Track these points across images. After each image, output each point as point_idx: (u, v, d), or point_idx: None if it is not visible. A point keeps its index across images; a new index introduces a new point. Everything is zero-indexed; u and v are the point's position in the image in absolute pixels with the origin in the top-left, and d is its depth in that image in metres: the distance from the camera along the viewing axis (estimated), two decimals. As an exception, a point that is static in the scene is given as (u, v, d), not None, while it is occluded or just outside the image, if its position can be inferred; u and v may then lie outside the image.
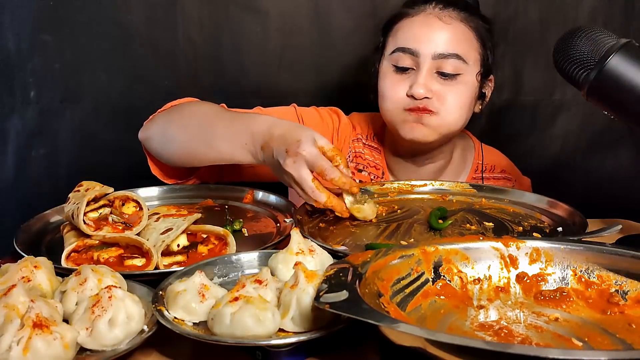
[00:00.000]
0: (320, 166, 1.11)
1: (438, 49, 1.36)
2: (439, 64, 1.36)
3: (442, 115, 1.37)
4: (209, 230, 1.10)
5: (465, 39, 1.39)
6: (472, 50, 1.39)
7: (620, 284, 0.88)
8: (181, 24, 1.82)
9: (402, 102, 1.38)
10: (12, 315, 0.77)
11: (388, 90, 1.41)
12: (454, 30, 1.37)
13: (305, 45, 1.86)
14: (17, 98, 1.84)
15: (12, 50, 1.80)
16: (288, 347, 0.80)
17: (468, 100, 1.40)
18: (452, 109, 1.38)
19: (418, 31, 1.38)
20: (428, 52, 1.36)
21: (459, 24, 1.38)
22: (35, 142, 1.87)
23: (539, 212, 1.27)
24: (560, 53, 1.10)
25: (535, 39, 1.85)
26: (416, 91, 1.34)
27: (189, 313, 0.84)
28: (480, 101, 1.48)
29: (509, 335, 0.79)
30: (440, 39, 1.36)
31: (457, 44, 1.37)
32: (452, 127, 1.41)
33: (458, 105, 1.38)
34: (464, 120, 1.43)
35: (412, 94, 1.35)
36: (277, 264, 0.95)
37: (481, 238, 0.96)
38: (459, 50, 1.36)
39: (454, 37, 1.37)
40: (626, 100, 1.04)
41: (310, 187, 1.11)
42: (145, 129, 1.39)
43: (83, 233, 1.06)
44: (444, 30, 1.37)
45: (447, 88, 1.37)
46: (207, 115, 1.33)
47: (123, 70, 1.85)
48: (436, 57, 1.36)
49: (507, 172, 1.60)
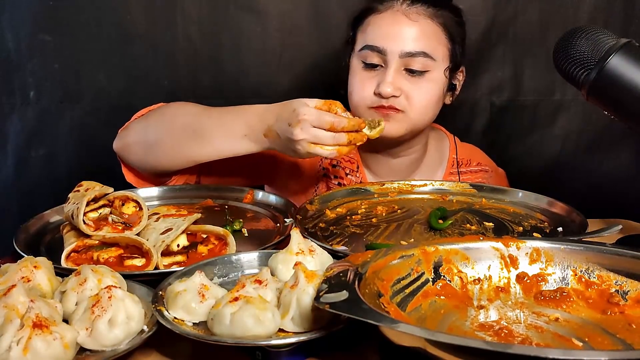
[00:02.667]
0: (326, 121, 1.14)
1: (405, 47, 1.36)
2: (407, 62, 1.37)
3: (408, 114, 1.38)
4: (209, 230, 1.10)
5: (432, 36, 1.39)
6: (440, 46, 1.39)
7: (620, 284, 0.88)
8: (181, 24, 1.82)
9: (369, 99, 1.39)
10: (12, 315, 0.77)
11: (356, 87, 1.42)
12: (421, 27, 1.37)
13: (304, 45, 1.86)
14: (16, 98, 1.84)
15: (12, 50, 1.80)
16: (288, 347, 0.80)
17: (436, 96, 1.41)
18: (419, 107, 1.39)
19: (385, 29, 1.38)
20: (395, 50, 1.36)
21: (426, 21, 1.38)
22: (34, 142, 1.87)
23: (539, 212, 1.27)
24: (560, 53, 1.10)
25: (535, 39, 1.85)
26: (384, 90, 1.35)
27: (188, 313, 0.84)
28: (451, 93, 1.49)
29: (509, 336, 0.79)
30: (407, 37, 1.36)
31: (424, 41, 1.37)
32: (419, 124, 1.42)
33: (425, 102, 1.39)
34: (431, 115, 1.44)
35: (380, 92, 1.36)
36: (277, 264, 0.94)
37: (481, 238, 0.96)
38: (427, 48, 1.37)
39: (422, 35, 1.37)
40: (626, 100, 1.04)
41: (329, 135, 1.14)
42: (122, 138, 1.37)
43: (83, 233, 1.06)
44: (411, 28, 1.37)
45: (414, 86, 1.38)
46: (192, 114, 1.32)
47: (122, 70, 1.85)
48: (404, 55, 1.36)
49: (482, 164, 1.62)
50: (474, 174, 1.58)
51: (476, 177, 1.58)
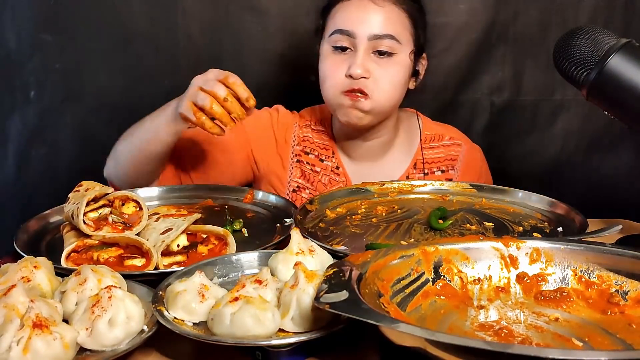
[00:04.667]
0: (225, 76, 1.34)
1: (373, 30, 1.42)
2: (375, 44, 1.42)
3: (374, 98, 1.43)
4: (209, 230, 1.10)
5: (398, 20, 1.45)
6: (404, 30, 1.45)
7: (620, 284, 0.88)
8: (181, 23, 1.82)
9: (341, 84, 1.44)
10: (12, 315, 0.77)
11: (328, 72, 1.47)
12: (387, 12, 1.44)
13: (305, 45, 1.85)
14: (17, 97, 1.84)
15: (13, 49, 1.80)
16: (288, 347, 0.80)
17: (402, 79, 1.47)
18: (385, 90, 1.44)
19: (354, 14, 1.44)
20: (364, 33, 1.42)
21: (392, 6, 1.45)
22: (35, 141, 1.87)
23: (539, 212, 1.27)
24: (560, 53, 1.10)
25: (535, 39, 1.85)
26: (354, 71, 1.40)
27: (189, 313, 0.84)
28: (414, 78, 1.54)
29: (509, 336, 0.79)
30: (374, 20, 1.42)
31: (390, 25, 1.43)
32: (385, 106, 1.47)
33: (392, 84, 1.45)
34: (396, 98, 1.49)
35: (350, 74, 1.41)
36: (277, 264, 0.94)
37: (481, 238, 0.96)
38: (393, 31, 1.43)
39: (388, 19, 1.43)
40: (626, 100, 1.04)
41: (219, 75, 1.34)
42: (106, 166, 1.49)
43: (83, 233, 1.06)
44: (378, 13, 1.43)
45: (382, 68, 1.43)
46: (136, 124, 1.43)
47: (123, 69, 1.85)
48: (372, 38, 1.42)
49: (455, 138, 1.63)
50: (447, 147, 1.60)
51: (449, 150, 1.60)
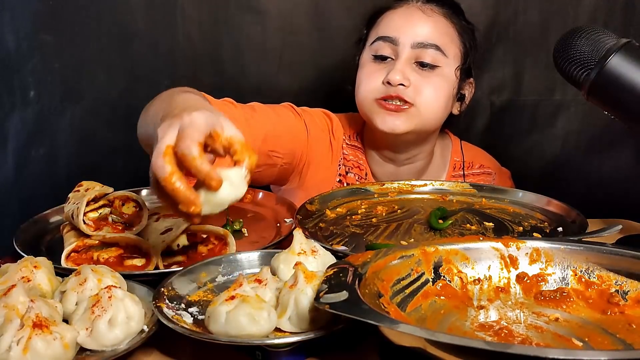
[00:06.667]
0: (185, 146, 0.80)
1: (417, 38, 1.36)
2: (418, 54, 1.36)
3: (417, 107, 1.36)
4: (209, 230, 1.10)
5: (446, 32, 1.40)
6: (452, 44, 1.40)
7: (620, 284, 0.88)
8: (181, 23, 1.82)
9: (377, 90, 1.38)
10: (12, 315, 0.77)
11: (365, 78, 1.41)
12: (435, 22, 1.39)
13: (305, 45, 1.85)
14: (16, 98, 1.84)
15: (12, 49, 1.80)
16: (288, 347, 0.80)
17: (445, 94, 1.39)
18: (427, 101, 1.37)
19: (399, 21, 1.40)
20: (407, 40, 1.36)
21: (441, 18, 1.40)
22: (35, 141, 1.86)
23: (539, 212, 1.27)
24: (560, 53, 1.10)
25: (535, 39, 1.85)
26: (392, 77, 1.34)
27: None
28: (460, 103, 1.48)
29: (509, 336, 0.79)
30: (420, 29, 1.37)
31: (437, 35, 1.37)
32: (426, 121, 1.39)
33: (434, 97, 1.37)
34: (439, 115, 1.42)
35: (389, 79, 1.35)
36: (279, 264, 0.94)
37: (481, 238, 0.96)
38: (439, 42, 1.37)
39: (435, 29, 1.38)
40: (626, 100, 1.04)
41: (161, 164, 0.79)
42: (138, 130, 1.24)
43: (83, 233, 1.06)
44: (425, 22, 1.38)
45: (424, 80, 1.36)
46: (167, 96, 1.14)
47: (123, 70, 1.84)
48: (415, 46, 1.36)
49: (485, 166, 1.60)
50: (476, 177, 1.57)
51: (478, 180, 1.56)
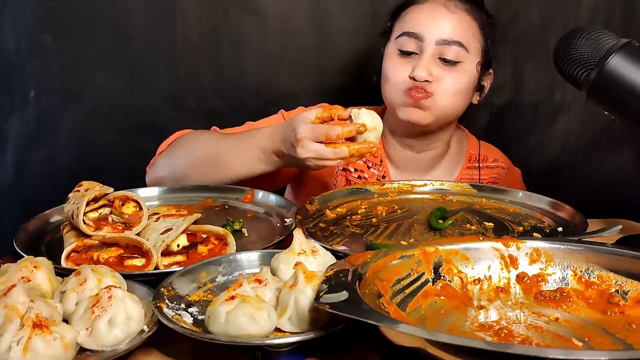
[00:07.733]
0: (321, 133, 1.16)
1: (442, 35, 1.42)
2: (442, 50, 1.42)
3: (437, 96, 1.42)
4: (209, 230, 1.10)
5: (468, 28, 1.45)
6: (474, 39, 1.45)
7: (620, 284, 0.88)
8: (180, 25, 1.82)
9: (404, 84, 1.43)
10: (12, 315, 0.77)
11: (391, 72, 1.47)
12: (459, 19, 1.44)
13: (305, 46, 1.86)
14: (16, 99, 1.84)
15: (12, 51, 1.80)
16: (288, 347, 0.80)
17: (466, 87, 1.46)
18: (448, 92, 1.43)
19: (424, 17, 1.44)
20: (432, 37, 1.42)
21: (464, 14, 1.45)
22: (35, 142, 1.87)
23: (539, 212, 1.27)
24: (560, 53, 1.10)
25: (536, 39, 1.85)
26: (418, 74, 1.40)
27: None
28: (479, 93, 1.54)
29: (509, 336, 0.79)
30: (444, 25, 1.42)
31: (460, 32, 1.43)
32: (446, 110, 1.46)
33: (455, 89, 1.44)
34: (459, 105, 1.48)
35: (414, 76, 1.41)
36: (279, 264, 0.94)
37: (481, 238, 0.96)
38: (462, 38, 1.42)
39: (458, 26, 1.43)
40: (626, 100, 1.04)
41: (329, 151, 1.16)
42: (151, 174, 1.47)
43: (83, 233, 1.06)
44: (449, 18, 1.43)
45: (447, 74, 1.43)
46: (211, 144, 1.41)
47: (122, 71, 1.84)
48: (440, 42, 1.41)
49: (499, 161, 1.67)
50: (490, 169, 1.64)
51: (492, 173, 1.63)
